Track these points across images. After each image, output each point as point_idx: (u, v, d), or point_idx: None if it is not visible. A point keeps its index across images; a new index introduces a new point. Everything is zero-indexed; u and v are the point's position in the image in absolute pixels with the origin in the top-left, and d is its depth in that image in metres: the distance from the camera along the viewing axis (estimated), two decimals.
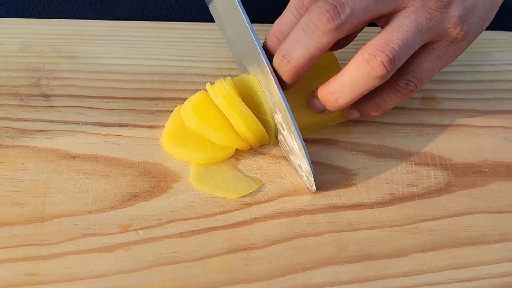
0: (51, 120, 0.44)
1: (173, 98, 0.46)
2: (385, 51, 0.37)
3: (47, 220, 0.37)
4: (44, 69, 0.47)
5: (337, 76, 0.40)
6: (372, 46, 0.38)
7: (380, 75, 0.38)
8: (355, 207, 0.41)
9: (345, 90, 0.39)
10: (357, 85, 0.39)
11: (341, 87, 0.39)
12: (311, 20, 0.37)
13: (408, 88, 0.41)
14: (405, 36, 0.38)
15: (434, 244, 0.39)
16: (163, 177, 0.41)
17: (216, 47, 0.51)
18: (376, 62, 0.37)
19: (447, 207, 0.41)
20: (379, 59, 0.37)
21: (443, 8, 0.39)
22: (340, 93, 0.40)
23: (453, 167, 0.44)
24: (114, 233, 0.37)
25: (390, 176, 0.43)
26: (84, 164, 0.41)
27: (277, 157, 0.43)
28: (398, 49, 0.38)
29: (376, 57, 0.37)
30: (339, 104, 0.40)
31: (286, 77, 0.40)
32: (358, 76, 0.38)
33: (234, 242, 0.38)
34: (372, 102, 0.43)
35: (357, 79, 0.38)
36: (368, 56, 0.38)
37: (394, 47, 0.37)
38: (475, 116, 0.48)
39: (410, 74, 0.41)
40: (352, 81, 0.39)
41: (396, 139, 0.46)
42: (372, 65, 0.37)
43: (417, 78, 0.41)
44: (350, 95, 0.39)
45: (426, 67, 0.41)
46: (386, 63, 0.37)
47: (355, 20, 0.38)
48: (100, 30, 0.52)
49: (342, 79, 0.39)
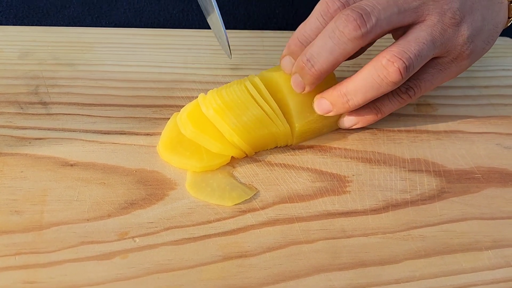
0: (50, 128, 0.44)
1: (170, 106, 0.47)
2: (403, 59, 0.39)
3: (45, 228, 0.38)
4: (42, 77, 0.48)
5: (350, 79, 0.41)
6: (391, 52, 0.39)
7: (394, 81, 0.39)
8: (349, 214, 0.41)
9: (358, 92, 0.41)
10: (371, 89, 0.40)
11: (354, 89, 0.41)
12: (337, 27, 0.39)
13: (407, 93, 0.43)
14: (421, 47, 0.40)
15: (427, 251, 0.39)
16: (160, 184, 0.41)
17: (214, 53, 0.52)
18: (393, 68, 0.39)
19: (440, 214, 0.42)
20: (396, 65, 0.39)
21: (456, 26, 0.41)
22: (352, 94, 0.41)
23: (446, 174, 0.44)
24: (111, 241, 0.38)
25: (384, 183, 0.43)
26: (82, 172, 0.41)
27: (272, 164, 0.44)
28: (414, 58, 0.39)
29: (394, 63, 0.39)
30: (349, 105, 0.42)
31: (308, 80, 0.42)
32: (373, 80, 0.40)
33: (229, 249, 0.38)
34: (372, 105, 0.44)
35: (372, 83, 0.40)
36: (387, 61, 0.39)
37: (411, 56, 0.39)
38: (469, 122, 0.49)
39: (411, 82, 0.43)
40: (367, 84, 0.40)
41: (390, 146, 0.46)
42: (389, 70, 0.39)
43: (417, 86, 0.43)
44: (362, 97, 0.41)
45: (427, 77, 0.43)
46: (402, 70, 0.39)
47: (379, 29, 0.39)
48: (98, 38, 0.52)
49: (357, 81, 0.41)
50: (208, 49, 0.52)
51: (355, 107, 0.42)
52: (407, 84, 0.43)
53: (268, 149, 0.44)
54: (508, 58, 0.56)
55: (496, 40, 0.54)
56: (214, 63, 0.51)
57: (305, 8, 0.60)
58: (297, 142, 0.45)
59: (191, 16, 0.59)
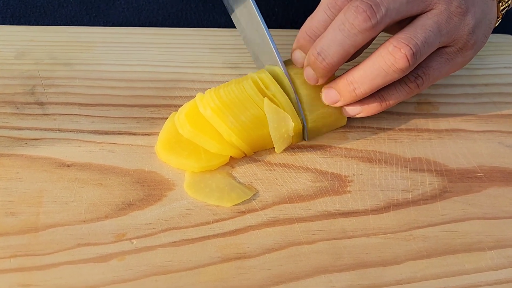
0: (46, 128, 0.43)
1: (168, 105, 0.46)
2: (410, 45, 0.39)
3: (41, 230, 0.37)
4: (39, 77, 0.47)
5: (357, 67, 0.41)
6: (397, 39, 0.39)
7: (401, 68, 0.39)
8: (350, 214, 0.40)
9: (365, 80, 0.40)
10: (378, 76, 0.40)
11: (361, 77, 0.40)
12: (347, 19, 0.39)
13: (416, 82, 0.42)
14: (427, 34, 0.40)
15: (429, 251, 0.39)
16: (158, 185, 0.41)
17: (212, 52, 0.51)
18: (400, 54, 0.39)
19: (442, 214, 0.41)
20: (403, 51, 0.38)
21: (462, 15, 0.41)
22: (359, 83, 0.41)
23: (448, 173, 0.44)
24: (108, 243, 0.37)
25: (385, 182, 0.43)
26: (78, 172, 0.41)
27: (272, 164, 0.43)
28: (421, 45, 0.39)
29: (400, 49, 0.39)
30: (356, 94, 0.41)
31: (320, 73, 0.41)
32: (380, 67, 0.39)
33: (228, 250, 0.38)
34: (378, 94, 0.43)
35: (379, 70, 0.39)
36: (393, 48, 0.39)
37: (418, 43, 0.39)
38: (470, 121, 0.48)
39: (419, 70, 0.42)
40: (374, 72, 0.40)
41: (391, 145, 0.45)
42: (395, 56, 0.39)
43: (426, 74, 0.42)
44: (369, 85, 0.41)
45: (435, 66, 0.43)
46: (409, 56, 0.39)
47: (389, 19, 0.39)
48: (96, 37, 0.52)
49: (363, 69, 0.40)
50: (207, 48, 0.52)
51: (362, 96, 0.42)
52: (415, 73, 0.42)
53: (267, 149, 0.44)
54: (509, 56, 0.55)
55: (498, 38, 0.54)
56: (213, 62, 0.50)
57: (305, 6, 0.60)
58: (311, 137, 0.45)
59: (189, 15, 0.58)
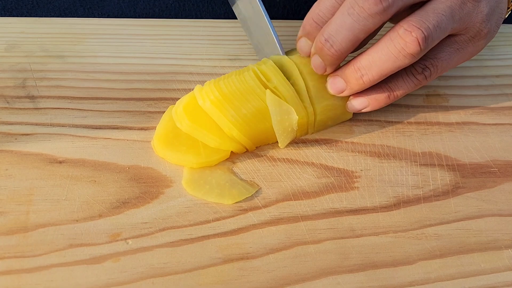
0: (37, 123, 0.42)
1: (166, 99, 0.45)
2: (421, 28, 0.37)
3: (31, 230, 0.36)
4: (30, 70, 0.46)
5: (365, 52, 0.39)
6: (409, 22, 0.37)
7: (412, 52, 0.37)
8: (358, 211, 0.39)
9: (374, 66, 0.39)
10: (387, 62, 0.38)
11: (369, 63, 0.39)
12: (357, 3, 0.37)
13: (424, 73, 0.41)
14: (440, 18, 0.38)
15: (442, 251, 0.37)
16: (155, 182, 0.39)
17: (211, 44, 0.50)
18: (411, 38, 0.37)
19: (455, 211, 0.40)
20: (415, 35, 0.37)
21: (476, 1, 0.40)
22: (367, 69, 0.39)
23: (460, 168, 0.42)
24: (102, 243, 0.36)
25: (394, 178, 0.41)
26: (71, 169, 0.39)
27: (275, 159, 0.42)
28: (433, 29, 0.37)
29: (411, 33, 0.37)
30: (363, 81, 0.40)
31: (328, 61, 0.40)
32: (389, 52, 0.38)
33: (230, 251, 0.36)
34: (386, 86, 0.42)
35: (388, 55, 0.38)
36: (404, 31, 0.37)
37: (430, 26, 0.37)
38: (482, 113, 0.46)
39: (427, 60, 0.41)
40: (383, 57, 0.38)
41: (400, 139, 0.44)
42: (406, 40, 0.37)
43: (434, 65, 0.41)
44: (377, 72, 0.39)
45: (444, 56, 0.41)
46: (421, 40, 0.37)
47: (401, 3, 0.38)
48: (90, 28, 0.51)
49: (372, 54, 0.39)
50: (205, 39, 0.50)
51: (370, 84, 0.40)
52: (423, 64, 0.41)
53: (270, 143, 0.43)
54: None
55: (508, 28, 0.52)
56: (212, 53, 0.49)
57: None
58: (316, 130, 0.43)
59: (187, 6, 0.57)
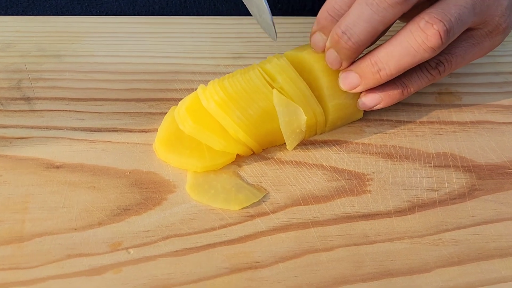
0: (33, 126, 0.41)
1: (167, 99, 0.44)
2: (443, 21, 0.36)
3: (26, 239, 0.35)
4: (26, 70, 0.45)
5: (382, 46, 0.38)
6: (430, 14, 0.36)
7: (433, 46, 0.36)
8: (371, 216, 0.38)
9: (391, 60, 0.37)
10: (406, 56, 0.37)
11: (387, 57, 0.37)
12: None
13: (438, 68, 0.40)
14: (462, 11, 0.37)
15: (460, 257, 0.36)
16: (157, 187, 0.38)
17: (214, 42, 0.49)
18: (433, 30, 0.36)
19: (473, 214, 0.38)
20: (436, 28, 0.36)
21: None
22: (384, 63, 0.37)
23: (476, 169, 0.41)
24: (102, 253, 0.35)
25: (408, 180, 0.40)
26: (69, 174, 0.38)
27: (283, 161, 0.40)
28: (455, 21, 0.36)
29: (433, 25, 0.36)
30: (380, 76, 0.38)
31: (345, 55, 0.38)
32: (409, 45, 0.36)
33: (237, 260, 0.35)
34: (399, 81, 0.40)
35: (407, 48, 0.36)
36: (425, 23, 0.36)
37: (451, 19, 0.36)
38: (497, 112, 0.45)
39: (442, 55, 0.40)
40: (402, 50, 0.37)
41: (413, 139, 0.42)
42: (427, 33, 0.36)
43: (448, 61, 0.40)
44: (395, 66, 0.37)
45: (459, 52, 0.40)
46: (443, 33, 0.36)
47: None
48: (88, 27, 0.49)
49: (390, 48, 0.37)
50: (208, 37, 0.49)
51: (386, 79, 0.38)
52: (437, 59, 0.40)
53: (277, 145, 0.41)
54: None
55: None
56: (215, 52, 0.48)
57: None
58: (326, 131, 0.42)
59: (188, 3, 0.56)
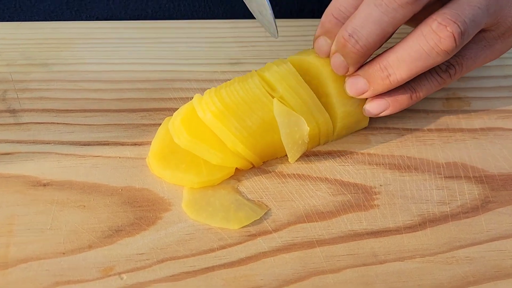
0: (19, 141, 0.40)
1: (161, 109, 0.43)
2: (457, 22, 0.34)
3: (11, 266, 0.34)
4: (11, 80, 0.44)
5: (391, 49, 0.37)
6: (443, 15, 0.35)
7: (446, 49, 0.35)
8: (380, 233, 0.36)
9: (402, 64, 0.36)
10: (418, 60, 0.35)
11: (397, 61, 0.36)
12: None
13: (448, 71, 0.39)
14: (476, 11, 0.35)
15: (476, 276, 0.34)
16: (151, 205, 0.37)
17: (210, 47, 0.47)
18: (446, 33, 0.34)
19: (487, 229, 0.37)
20: (450, 30, 0.34)
21: None
22: (395, 67, 0.36)
23: (489, 179, 0.39)
24: (92, 279, 0.33)
25: (418, 193, 0.38)
26: (56, 193, 0.37)
27: (285, 175, 0.39)
28: (469, 23, 0.35)
29: (447, 27, 0.34)
30: (390, 81, 0.37)
31: (352, 59, 0.37)
32: (421, 48, 0.35)
33: (238, 284, 0.33)
34: (408, 86, 0.39)
35: (419, 52, 0.35)
36: (438, 25, 0.35)
37: (466, 20, 0.35)
38: (507, 118, 0.43)
39: (453, 58, 0.39)
40: (413, 54, 0.35)
41: (421, 148, 0.41)
42: (440, 36, 0.35)
43: (459, 63, 0.39)
44: (406, 71, 0.36)
45: (470, 54, 0.39)
46: (457, 36, 0.34)
47: None
48: (77, 33, 0.48)
49: (400, 51, 0.36)
50: (203, 42, 0.48)
51: (396, 84, 0.37)
52: (448, 62, 0.39)
53: (278, 157, 0.40)
54: None
55: None
56: (211, 57, 0.46)
57: None
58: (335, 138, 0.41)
59: (182, 6, 0.55)
